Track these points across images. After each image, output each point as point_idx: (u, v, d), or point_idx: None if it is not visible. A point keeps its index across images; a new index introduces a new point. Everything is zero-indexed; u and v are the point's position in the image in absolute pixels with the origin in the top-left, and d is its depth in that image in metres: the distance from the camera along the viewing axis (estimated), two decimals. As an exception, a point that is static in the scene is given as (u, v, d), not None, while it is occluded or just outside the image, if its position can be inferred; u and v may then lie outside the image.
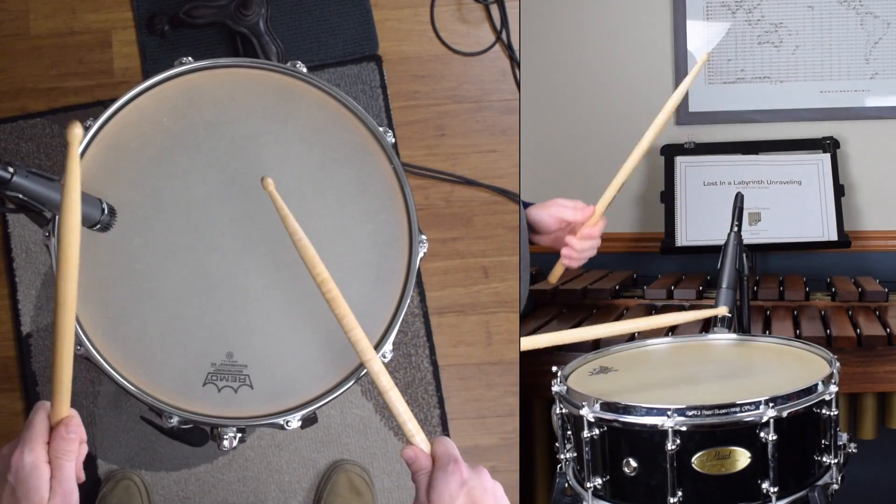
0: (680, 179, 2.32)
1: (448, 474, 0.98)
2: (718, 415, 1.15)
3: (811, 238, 2.23)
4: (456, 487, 0.97)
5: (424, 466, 1.02)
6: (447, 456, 1.01)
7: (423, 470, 1.02)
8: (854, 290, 1.99)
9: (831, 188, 2.26)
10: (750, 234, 2.22)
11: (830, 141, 2.32)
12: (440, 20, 2.14)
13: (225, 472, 1.96)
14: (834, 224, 2.23)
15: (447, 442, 1.03)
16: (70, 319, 0.95)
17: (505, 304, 2.05)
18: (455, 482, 0.97)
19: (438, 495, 0.97)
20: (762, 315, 1.94)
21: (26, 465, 0.91)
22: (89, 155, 1.28)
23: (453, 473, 0.98)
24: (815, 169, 2.29)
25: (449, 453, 1.01)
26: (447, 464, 0.99)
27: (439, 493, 0.97)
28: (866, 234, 2.34)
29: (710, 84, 2.40)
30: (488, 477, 1.00)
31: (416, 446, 1.04)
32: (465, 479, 0.98)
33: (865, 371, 1.76)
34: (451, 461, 1.00)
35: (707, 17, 2.38)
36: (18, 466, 0.91)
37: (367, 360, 1.12)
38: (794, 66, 2.36)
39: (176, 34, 2.06)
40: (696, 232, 2.27)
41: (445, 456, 1.01)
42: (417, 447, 1.04)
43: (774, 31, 2.36)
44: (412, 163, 2.06)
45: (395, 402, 1.09)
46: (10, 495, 0.90)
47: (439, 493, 0.97)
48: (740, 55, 2.38)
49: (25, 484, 0.90)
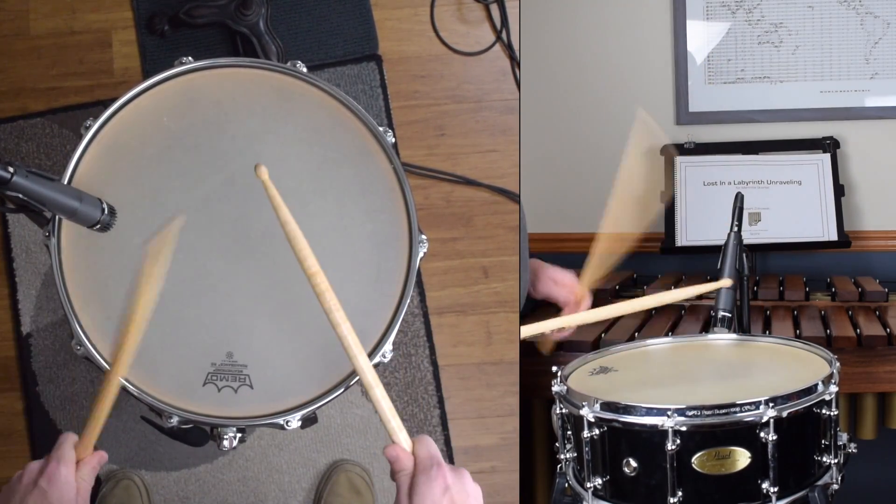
0: (680, 179, 2.32)
1: (431, 479, 0.97)
2: (718, 415, 1.15)
3: (811, 238, 2.23)
4: (439, 494, 0.97)
5: (406, 467, 1.01)
6: (430, 459, 1.00)
7: (404, 470, 1.01)
8: (854, 290, 1.99)
9: (831, 188, 2.26)
10: (750, 234, 2.22)
11: (830, 141, 2.31)
12: (440, 20, 2.14)
13: (225, 472, 1.96)
14: (834, 224, 2.23)
15: (429, 443, 1.03)
16: (124, 365, 1.12)
17: (505, 304, 2.05)
18: (438, 488, 0.97)
19: (421, 499, 0.97)
20: (762, 315, 1.94)
21: (62, 476, 1.03)
22: (89, 155, 1.28)
23: (436, 479, 0.97)
24: (815, 169, 2.28)
25: (431, 455, 1.01)
26: (430, 468, 0.99)
27: (421, 498, 0.97)
28: (866, 234, 2.34)
29: (710, 84, 2.40)
30: (470, 480, 1.00)
31: (398, 445, 1.03)
32: (448, 486, 0.97)
33: (865, 371, 1.76)
34: (433, 465, 0.99)
35: (707, 17, 2.38)
36: (54, 475, 1.03)
37: (353, 355, 1.10)
38: (794, 66, 2.36)
39: (176, 34, 2.06)
40: (696, 232, 2.27)
41: (428, 459, 1.00)
42: (399, 446, 1.03)
43: (774, 31, 2.36)
44: (412, 163, 2.06)
45: (379, 398, 1.07)
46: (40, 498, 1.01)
47: (421, 498, 0.97)
48: (740, 55, 2.38)
49: (59, 492, 1.02)
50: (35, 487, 1.02)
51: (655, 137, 2.22)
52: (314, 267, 1.10)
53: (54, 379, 1.98)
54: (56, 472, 1.03)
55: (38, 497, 1.01)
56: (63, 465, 1.04)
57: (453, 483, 0.98)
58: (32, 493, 1.02)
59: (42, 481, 1.02)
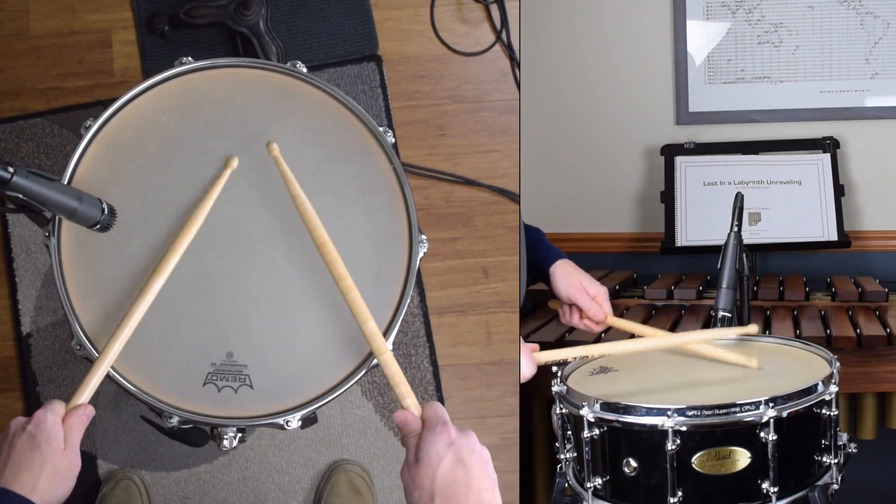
0: (680, 179, 2.32)
1: (436, 434, 1.00)
2: (718, 415, 1.15)
3: (811, 238, 2.23)
4: (444, 446, 0.99)
5: (414, 429, 1.04)
6: (436, 418, 1.03)
7: (413, 433, 1.04)
8: (854, 290, 1.99)
9: (831, 188, 2.26)
10: (750, 234, 2.22)
11: (830, 141, 2.32)
12: (440, 20, 2.14)
13: (225, 472, 1.96)
14: (834, 224, 2.23)
15: (437, 406, 1.06)
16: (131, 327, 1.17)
17: (505, 304, 2.05)
18: (443, 441, 1.00)
19: (426, 454, 0.99)
20: (762, 315, 1.94)
21: (49, 419, 1.05)
22: (89, 155, 1.28)
23: (441, 434, 1.00)
24: (815, 169, 2.29)
25: (438, 416, 1.04)
26: (436, 425, 1.02)
27: (426, 452, 0.99)
28: (866, 234, 2.34)
29: (710, 84, 2.40)
30: (476, 440, 1.02)
31: (407, 410, 1.07)
32: (452, 440, 1.00)
33: (865, 371, 1.77)
34: (439, 423, 1.02)
35: (707, 17, 2.38)
36: (42, 419, 1.05)
37: (362, 321, 1.17)
38: (794, 66, 2.36)
39: (176, 34, 2.05)
40: (696, 232, 2.27)
41: (435, 418, 1.03)
42: (408, 411, 1.07)
43: (774, 31, 2.36)
44: (412, 163, 2.06)
45: (388, 363, 1.13)
46: (27, 440, 1.03)
47: (426, 452, 0.99)
48: (740, 55, 2.38)
49: (46, 432, 1.04)
50: (23, 432, 1.04)
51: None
52: (324, 237, 1.20)
53: (54, 379, 1.97)
54: (43, 417, 1.05)
55: (27, 439, 1.03)
56: (50, 413, 1.06)
57: (458, 438, 1.00)
58: (20, 436, 1.03)
59: (30, 426, 1.04)
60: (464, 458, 0.99)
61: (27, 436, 1.03)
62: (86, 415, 1.10)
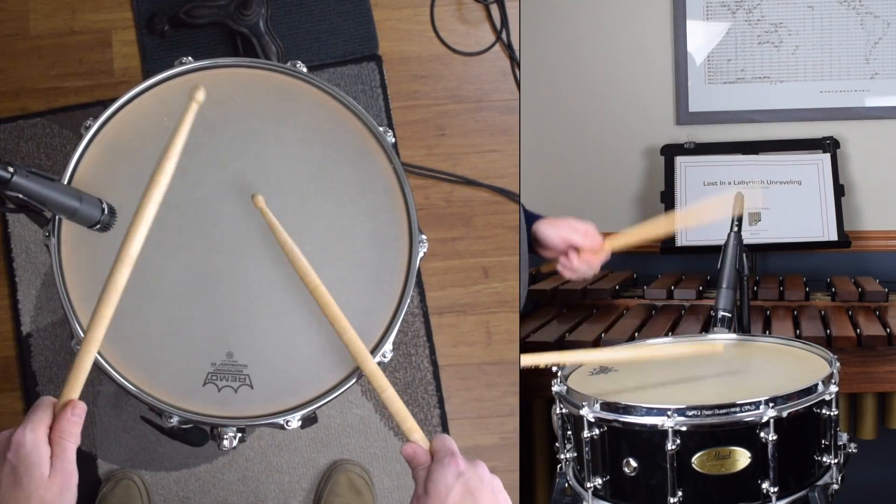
0: (680, 179, 2.32)
1: (444, 466, 1.00)
2: (718, 415, 1.16)
3: (811, 238, 2.23)
4: (452, 478, 0.99)
5: (423, 462, 1.04)
6: (445, 450, 1.03)
7: (422, 465, 1.03)
8: (854, 290, 1.99)
9: (831, 188, 2.26)
10: (750, 234, 2.22)
11: (830, 141, 2.32)
12: (440, 20, 2.14)
13: (225, 472, 1.96)
14: (834, 224, 2.23)
15: (446, 438, 1.05)
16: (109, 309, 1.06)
17: (505, 304, 2.05)
18: (451, 473, 0.99)
19: (434, 485, 0.99)
20: (762, 315, 1.94)
21: (27, 443, 0.92)
22: (89, 155, 1.28)
23: (449, 465, 1.00)
24: (815, 169, 2.29)
25: (447, 447, 1.03)
26: (444, 457, 1.01)
27: (435, 484, 0.99)
28: (866, 234, 2.34)
29: (710, 84, 2.40)
30: (486, 470, 1.01)
31: (416, 443, 1.07)
32: (461, 471, 0.99)
33: (865, 371, 1.77)
34: (447, 454, 1.02)
35: (707, 17, 2.38)
36: (20, 444, 0.92)
37: (362, 361, 1.16)
38: (794, 66, 2.36)
39: (176, 34, 2.05)
40: (696, 232, 2.27)
41: (443, 450, 1.03)
42: (416, 444, 1.06)
43: (774, 31, 2.36)
44: (412, 163, 2.06)
45: (392, 401, 1.12)
46: (9, 473, 0.92)
47: (435, 484, 0.99)
48: (740, 55, 2.38)
49: (27, 461, 0.91)
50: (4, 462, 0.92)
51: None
52: (315, 281, 1.18)
53: (54, 379, 1.97)
54: (22, 441, 0.92)
55: (8, 473, 0.92)
56: (29, 432, 0.93)
57: (467, 470, 1.00)
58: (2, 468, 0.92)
59: (10, 454, 0.92)
60: (473, 490, 0.98)
61: (8, 468, 0.92)
62: (77, 415, 0.97)
